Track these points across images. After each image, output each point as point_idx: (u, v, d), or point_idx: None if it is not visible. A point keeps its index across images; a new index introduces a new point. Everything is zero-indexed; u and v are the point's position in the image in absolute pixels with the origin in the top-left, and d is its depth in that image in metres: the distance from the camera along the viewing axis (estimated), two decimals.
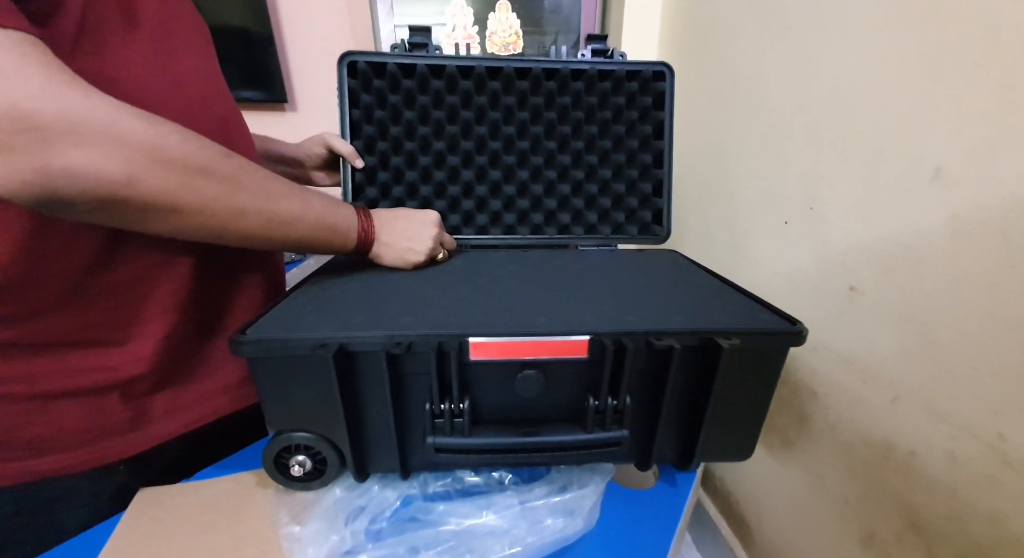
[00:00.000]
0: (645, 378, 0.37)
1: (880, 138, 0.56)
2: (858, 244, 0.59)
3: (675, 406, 0.39)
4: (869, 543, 0.60)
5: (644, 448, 0.41)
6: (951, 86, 0.47)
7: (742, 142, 0.83)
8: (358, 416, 0.37)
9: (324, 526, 0.34)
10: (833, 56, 0.62)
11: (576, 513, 0.35)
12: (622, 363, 0.35)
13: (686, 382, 0.38)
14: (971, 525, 0.48)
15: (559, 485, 0.39)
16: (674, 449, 0.42)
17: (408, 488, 0.39)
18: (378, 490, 0.38)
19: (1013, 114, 0.42)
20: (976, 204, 0.46)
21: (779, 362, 0.39)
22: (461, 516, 0.35)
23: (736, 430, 0.42)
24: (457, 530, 0.34)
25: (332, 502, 0.37)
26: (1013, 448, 0.44)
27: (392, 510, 0.37)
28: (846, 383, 0.61)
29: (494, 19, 1.30)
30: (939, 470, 0.51)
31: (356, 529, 0.34)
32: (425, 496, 0.38)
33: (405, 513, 0.37)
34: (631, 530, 0.38)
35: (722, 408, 0.38)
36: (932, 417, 0.51)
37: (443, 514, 0.36)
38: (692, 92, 0.99)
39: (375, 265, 0.51)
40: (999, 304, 0.44)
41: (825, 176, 0.64)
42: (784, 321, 0.39)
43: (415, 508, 0.37)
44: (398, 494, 0.38)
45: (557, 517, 0.35)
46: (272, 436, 0.37)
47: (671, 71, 0.65)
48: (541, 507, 0.36)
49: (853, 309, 0.60)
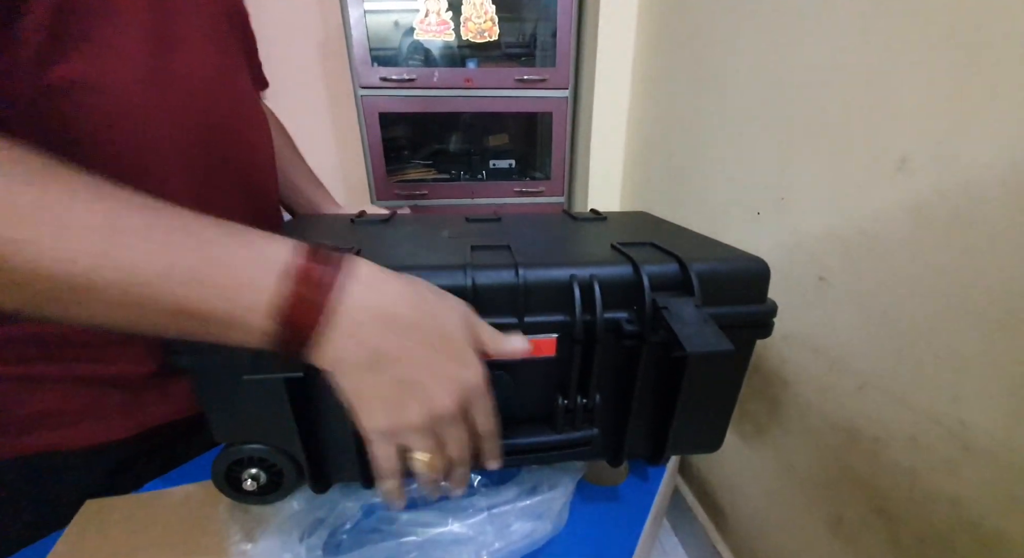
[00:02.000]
0: (614, 374, 0.36)
1: (848, 128, 0.56)
2: (826, 234, 0.60)
3: (645, 402, 0.38)
4: (837, 527, 0.62)
5: (615, 445, 0.40)
6: (915, 75, 0.48)
7: (715, 133, 0.82)
8: (313, 425, 0.34)
9: (277, 543, 0.32)
10: (803, 47, 0.62)
11: (544, 516, 0.35)
12: (591, 361, 0.34)
13: (656, 378, 0.37)
14: (932, 509, 0.49)
15: (529, 486, 0.38)
16: (645, 444, 0.41)
17: (371, 496, 0.37)
18: (338, 499, 0.37)
19: (974, 102, 0.42)
20: (939, 193, 0.46)
21: (749, 349, 0.38)
22: (425, 525, 0.34)
23: (706, 423, 0.41)
24: (421, 540, 0.33)
25: (288, 515, 0.35)
26: (972, 434, 0.45)
27: (353, 521, 0.35)
28: (814, 371, 0.62)
29: (468, 5, 1.26)
30: (902, 455, 0.52)
31: (312, 544, 0.32)
32: (388, 506, 0.37)
33: (367, 524, 0.35)
34: (600, 527, 0.38)
35: (692, 402, 0.38)
36: (896, 404, 0.52)
37: (406, 523, 0.34)
38: (666, 83, 0.98)
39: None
40: (960, 292, 0.45)
41: (795, 167, 0.64)
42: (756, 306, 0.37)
43: (377, 519, 0.35)
44: (360, 503, 0.37)
45: (525, 521, 0.34)
46: (222, 448, 0.34)
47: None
48: (509, 511, 0.35)
49: (821, 298, 0.61)
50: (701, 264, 0.34)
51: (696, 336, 0.30)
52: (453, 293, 0.29)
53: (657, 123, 1.04)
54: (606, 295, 0.33)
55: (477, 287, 0.31)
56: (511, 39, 1.42)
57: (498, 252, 0.36)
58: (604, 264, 0.34)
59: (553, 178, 1.38)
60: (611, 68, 1.13)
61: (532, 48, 1.43)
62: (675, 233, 0.45)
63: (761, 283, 0.35)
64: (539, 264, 0.33)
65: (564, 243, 0.44)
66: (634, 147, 1.16)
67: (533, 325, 0.33)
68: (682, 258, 0.34)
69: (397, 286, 0.24)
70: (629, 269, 0.33)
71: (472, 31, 1.30)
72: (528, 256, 0.35)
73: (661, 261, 0.34)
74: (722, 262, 0.35)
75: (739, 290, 0.35)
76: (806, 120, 0.62)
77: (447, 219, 0.52)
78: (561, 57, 1.24)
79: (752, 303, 0.35)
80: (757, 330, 0.36)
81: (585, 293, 0.32)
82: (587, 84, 1.20)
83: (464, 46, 1.37)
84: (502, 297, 0.32)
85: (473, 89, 1.25)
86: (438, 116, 1.57)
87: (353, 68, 1.18)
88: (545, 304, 0.33)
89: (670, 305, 0.32)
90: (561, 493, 0.37)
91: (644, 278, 0.32)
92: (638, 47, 1.10)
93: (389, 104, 1.24)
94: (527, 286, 0.32)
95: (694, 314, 0.31)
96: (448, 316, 0.25)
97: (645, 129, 1.10)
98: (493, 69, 1.29)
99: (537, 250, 0.39)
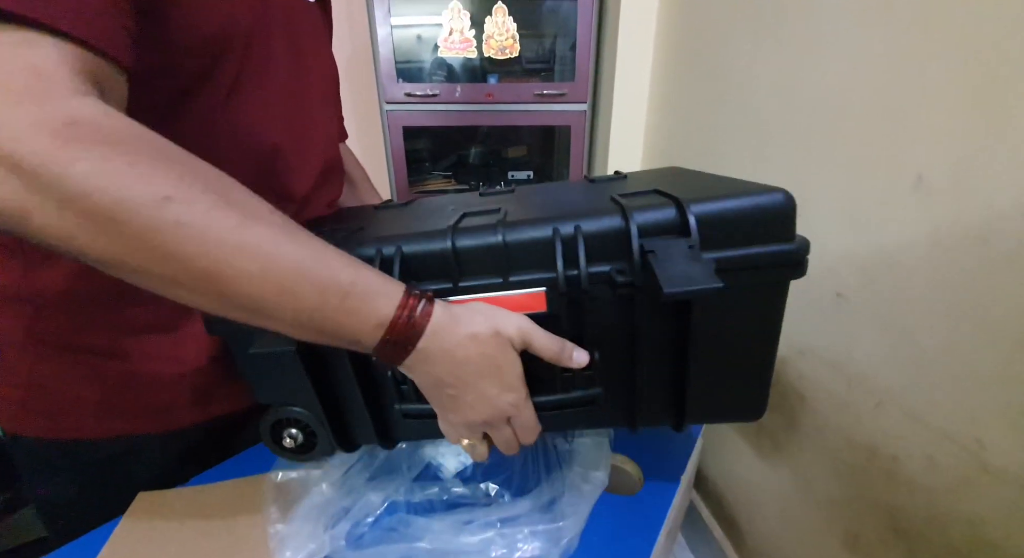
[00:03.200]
0: (617, 330, 0.34)
1: (865, 144, 0.56)
2: (844, 250, 0.60)
3: (656, 359, 0.35)
4: (854, 545, 0.61)
5: (628, 407, 0.37)
6: (934, 94, 0.48)
7: (732, 148, 0.83)
8: (332, 391, 0.36)
9: (307, 527, 0.34)
10: (822, 62, 0.63)
11: (553, 541, 0.35)
12: (580, 315, 0.33)
13: (665, 332, 0.34)
14: (950, 529, 0.48)
15: (547, 499, 0.38)
16: (665, 409, 0.37)
17: (394, 493, 0.39)
18: (364, 492, 0.39)
19: (992, 121, 0.43)
20: (956, 213, 0.46)
21: (778, 295, 0.34)
22: (437, 533, 0.35)
23: (737, 384, 0.36)
24: (430, 549, 0.34)
25: (317, 502, 0.37)
26: (991, 454, 0.44)
27: (375, 515, 0.38)
28: (832, 388, 0.62)
29: (491, 23, 1.30)
30: (920, 474, 0.51)
31: (336, 534, 0.35)
32: (409, 505, 0.39)
33: (387, 522, 0.37)
34: (614, 537, 0.38)
35: (712, 357, 0.34)
36: (913, 422, 0.52)
37: (421, 528, 0.36)
38: (685, 94, 0.99)
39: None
40: (977, 311, 0.45)
41: (813, 183, 0.65)
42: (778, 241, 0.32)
43: (396, 519, 0.37)
44: (383, 497, 0.39)
45: (535, 541, 0.34)
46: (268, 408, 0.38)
47: None
48: (519, 530, 0.35)
49: (839, 315, 0.61)
50: (705, 204, 0.31)
51: (679, 275, 0.28)
52: (435, 258, 0.32)
53: (674, 136, 1.05)
54: (596, 248, 0.31)
55: (458, 250, 0.32)
56: (531, 54, 1.45)
57: (488, 216, 0.36)
58: (592, 216, 0.32)
59: None
60: (629, 82, 1.15)
61: (551, 62, 1.46)
62: (696, 178, 0.41)
63: (783, 218, 0.32)
64: (523, 223, 0.33)
65: (563, 203, 0.42)
66: (651, 161, 1.18)
67: (518, 283, 0.32)
68: (682, 200, 0.31)
69: (461, 332, 0.30)
70: (618, 219, 0.31)
71: (494, 48, 1.33)
72: (517, 217, 0.34)
73: (659, 206, 0.32)
74: (732, 199, 0.31)
75: (758, 229, 0.31)
76: (824, 136, 0.63)
77: (462, 196, 0.52)
78: (580, 71, 1.26)
79: (776, 242, 0.32)
80: (785, 270, 0.32)
81: (568, 247, 0.31)
82: (605, 98, 1.22)
83: (486, 61, 1.41)
84: (489, 258, 0.32)
85: (494, 103, 1.28)
86: (459, 129, 1.61)
87: (380, 83, 1.22)
88: (531, 262, 0.32)
89: (658, 248, 0.30)
90: (574, 523, 0.36)
91: (632, 225, 0.31)
92: (656, 62, 1.11)
93: (413, 118, 1.28)
94: (509, 245, 0.32)
95: (683, 254, 0.29)
96: (498, 351, 0.31)
97: (662, 143, 1.11)
98: (513, 84, 1.32)
99: (530, 211, 0.37)
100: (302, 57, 0.43)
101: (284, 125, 0.41)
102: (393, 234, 0.35)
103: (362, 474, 0.40)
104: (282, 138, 0.41)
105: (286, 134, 0.41)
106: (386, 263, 0.33)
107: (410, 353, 0.29)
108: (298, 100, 0.43)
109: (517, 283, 0.32)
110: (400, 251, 0.33)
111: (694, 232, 0.30)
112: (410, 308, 0.28)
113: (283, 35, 0.40)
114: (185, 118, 0.35)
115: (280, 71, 0.40)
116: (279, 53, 0.40)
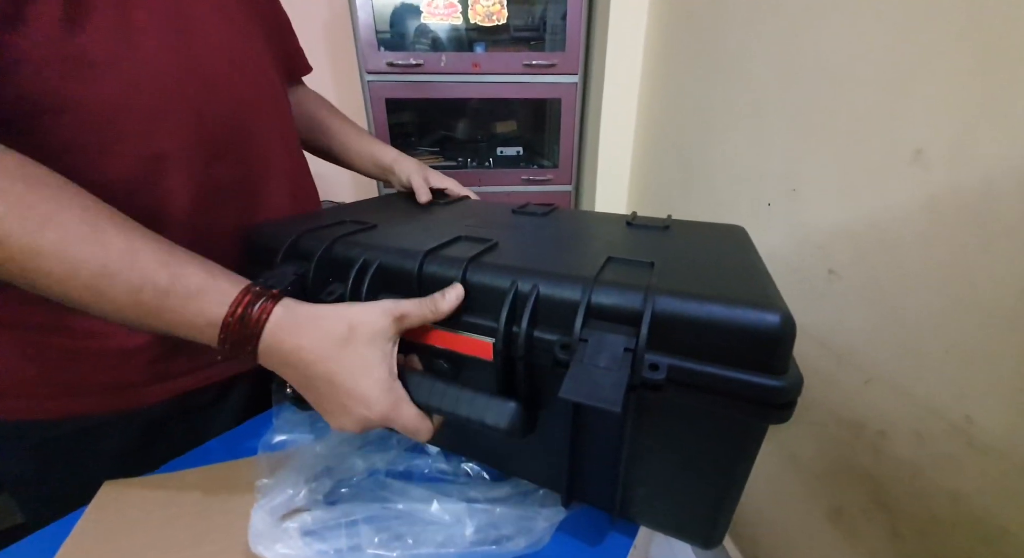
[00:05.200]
0: (556, 400, 0.28)
1: (863, 119, 0.54)
2: (837, 227, 0.59)
3: (594, 442, 0.32)
4: (837, 517, 0.62)
5: (561, 479, 0.34)
6: (933, 66, 0.46)
7: (727, 121, 0.81)
8: None
9: (289, 480, 0.35)
10: (819, 34, 0.60)
11: (522, 532, 0.34)
12: (513, 375, 0.31)
13: (604, 419, 0.30)
14: (933, 502, 0.49)
15: (527, 487, 0.38)
16: (601, 495, 0.34)
17: (377, 461, 0.39)
18: (350, 455, 0.39)
19: (992, 95, 0.41)
20: (953, 187, 0.45)
21: (747, 434, 0.28)
22: (413, 499, 0.35)
23: (685, 504, 0.32)
24: (403, 510, 0.34)
25: (304, 459, 0.38)
26: (978, 429, 0.45)
27: (356, 478, 0.38)
28: (821, 365, 0.62)
29: None
30: (906, 450, 0.52)
31: (315, 488, 0.35)
32: (389, 472, 0.39)
33: (365, 484, 0.37)
34: (590, 529, 0.36)
35: (649, 467, 0.31)
36: (902, 398, 0.52)
37: (398, 492, 0.36)
38: (679, 69, 0.96)
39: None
40: (970, 288, 0.44)
41: (808, 158, 0.63)
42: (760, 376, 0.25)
43: (376, 482, 0.38)
44: (367, 465, 0.39)
45: (504, 529, 0.34)
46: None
47: None
48: (489, 511, 0.35)
49: (830, 292, 0.60)
50: (676, 301, 0.26)
51: (584, 380, 0.24)
52: (405, 277, 0.33)
53: (668, 110, 1.02)
54: (550, 313, 0.29)
55: (423, 275, 0.32)
56: (520, 22, 1.39)
57: (472, 246, 0.35)
58: (559, 279, 0.29)
59: (561, 166, 1.36)
60: (622, 53, 1.11)
61: (541, 31, 1.40)
62: (728, 261, 0.34)
63: (771, 345, 0.24)
64: (490, 266, 0.31)
65: (564, 248, 0.39)
66: (644, 135, 1.15)
67: (468, 325, 0.31)
68: (652, 288, 0.27)
69: (291, 341, 0.28)
70: (579, 290, 0.28)
71: (480, 14, 1.27)
72: (499, 256, 0.33)
73: (627, 288, 0.27)
74: (713, 304, 0.25)
75: (736, 349, 0.25)
76: (821, 110, 0.61)
77: (493, 208, 0.52)
78: (571, 41, 1.21)
79: (760, 371, 0.25)
80: (759, 409, 0.25)
81: (520, 305, 0.29)
82: (597, 69, 1.18)
83: (472, 29, 1.34)
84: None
85: (481, 74, 1.23)
86: (445, 102, 1.55)
87: (360, 52, 1.16)
88: (487, 308, 0.30)
89: (593, 338, 0.26)
90: (552, 513, 0.35)
91: (584, 299, 0.27)
92: (650, 31, 1.07)
93: (396, 90, 1.22)
94: (469, 285, 0.31)
95: (611, 354, 0.25)
96: (345, 357, 0.28)
97: (655, 116, 1.08)
98: (501, 53, 1.27)
99: (517, 251, 0.35)
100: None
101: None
102: (379, 244, 0.36)
103: (353, 442, 0.41)
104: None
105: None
106: (363, 269, 0.34)
107: (251, 353, 0.28)
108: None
109: (468, 325, 0.31)
110: (378, 263, 0.34)
111: (643, 335, 0.26)
112: (244, 305, 0.28)
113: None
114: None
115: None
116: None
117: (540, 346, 0.29)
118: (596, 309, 0.28)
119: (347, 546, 0.31)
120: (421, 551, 0.32)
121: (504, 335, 0.29)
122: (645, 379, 0.26)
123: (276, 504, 0.33)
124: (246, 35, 0.44)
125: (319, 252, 0.35)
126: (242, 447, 0.43)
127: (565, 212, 0.50)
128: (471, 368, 0.33)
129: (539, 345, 0.29)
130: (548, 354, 0.28)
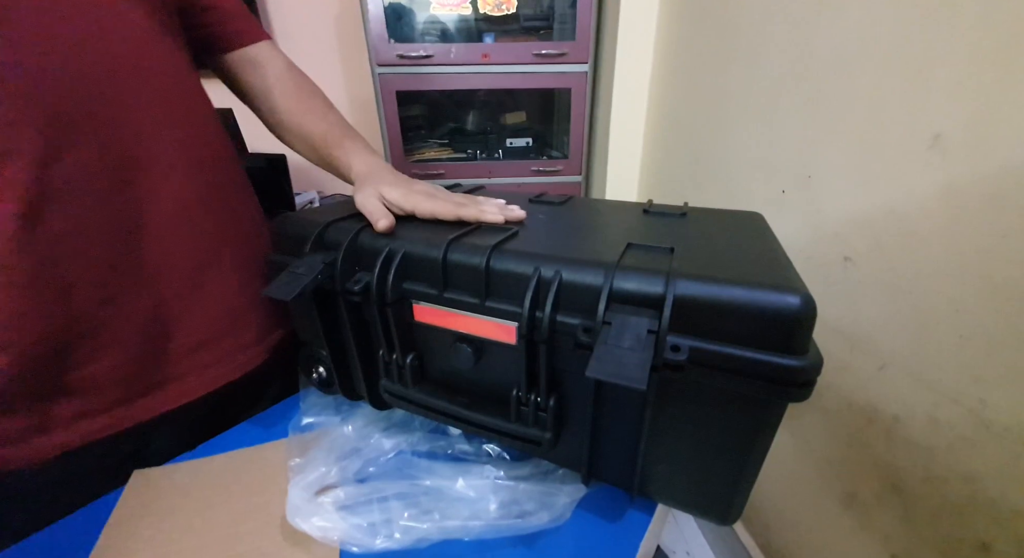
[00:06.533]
0: (578, 381, 0.32)
1: (881, 104, 0.54)
2: (854, 214, 0.59)
3: (612, 421, 0.33)
4: (850, 503, 0.63)
5: (579, 459, 0.35)
6: (952, 49, 0.46)
7: (740, 108, 0.80)
8: (339, 345, 0.41)
9: (319, 460, 0.37)
10: (835, 19, 0.59)
11: (545, 507, 0.35)
12: (536, 359, 0.32)
13: (625, 398, 0.32)
14: (948, 487, 0.50)
15: (548, 467, 0.39)
16: (620, 473, 0.35)
17: (403, 442, 0.41)
18: (376, 437, 0.41)
19: (1013, 79, 0.41)
20: (972, 172, 0.45)
21: (766, 412, 0.28)
22: (440, 477, 0.37)
23: (701, 480, 0.33)
24: (430, 487, 0.36)
25: (333, 440, 0.40)
26: (993, 413, 0.45)
27: (384, 458, 0.40)
28: (834, 351, 0.62)
29: None
30: (920, 434, 0.52)
31: (344, 467, 0.37)
32: (415, 453, 0.41)
33: (393, 464, 0.40)
34: (609, 508, 0.37)
35: (667, 444, 0.32)
36: (917, 384, 0.52)
37: (424, 470, 0.38)
38: (692, 53, 0.95)
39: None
40: (988, 273, 0.44)
41: (824, 144, 0.63)
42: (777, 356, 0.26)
43: (402, 460, 0.40)
44: (393, 444, 0.41)
45: (525, 503, 0.35)
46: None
47: None
48: (513, 488, 0.36)
49: (846, 279, 0.61)
50: (697, 284, 0.27)
51: (610, 359, 0.25)
52: (430, 264, 0.34)
53: (680, 98, 1.02)
54: (572, 298, 0.30)
55: (448, 262, 0.33)
56: (529, 11, 1.39)
57: (494, 234, 0.36)
58: (581, 265, 0.30)
59: (571, 157, 1.36)
60: (633, 40, 1.10)
61: (551, 21, 1.39)
62: (746, 244, 0.35)
63: (792, 326, 0.25)
64: (513, 253, 0.32)
65: (584, 236, 0.40)
66: (655, 123, 1.14)
67: (493, 310, 0.32)
68: (674, 273, 0.28)
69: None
70: (601, 276, 0.29)
71: (489, 4, 1.27)
72: (521, 243, 0.34)
73: (649, 273, 0.28)
74: (734, 287, 0.26)
75: (757, 330, 0.26)
76: (837, 95, 0.60)
77: (512, 197, 0.50)
78: (581, 30, 1.20)
79: (779, 352, 0.26)
80: (779, 388, 0.26)
81: (544, 290, 0.30)
82: (607, 58, 1.17)
83: (481, 19, 1.34)
84: (473, 278, 0.32)
85: (490, 65, 1.23)
86: (455, 94, 1.55)
87: (370, 44, 1.17)
88: (510, 293, 0.32)
89: (616, 321, 0.27)
90: (573, 490, 0.37)
91: (604, 289, 0.28)
92: (661, 18, 1.06)
93: (407, 82, 1.23)
94: (492, 271, 0.32)
95: (635, 336, 0.26)
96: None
97: (667, 105, 1.08)
98: (511, 44, 1.26)
99: (538, 239, 0.36)
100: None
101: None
102: (403, 234, 0.37)
103: (378, 424, 0.43)
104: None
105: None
106: (388, 259, 0.35)
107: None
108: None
109: (492, 310, 0.32)
110: (403, 252, 0.35)
111: (665, 317, 0.27)
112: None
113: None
114: None
115: None
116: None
117: (563, 330, 0.30)
118: (618, 294, 0.29)
119: (380, 520, 0.33)
120: (448, 524, 0.33)
121: (528, 320, 0.30)
122: (667, 360, 0.26)
123: (310, 481, 0.35)
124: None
125: (346, 242, 0.36)
126: (271, 432, 0.45)
127: (581, 201, 0.51)
128: (492, 353, 0.35)
129: (562, 329, 0.30)
130: (570, 338, 0.29)
